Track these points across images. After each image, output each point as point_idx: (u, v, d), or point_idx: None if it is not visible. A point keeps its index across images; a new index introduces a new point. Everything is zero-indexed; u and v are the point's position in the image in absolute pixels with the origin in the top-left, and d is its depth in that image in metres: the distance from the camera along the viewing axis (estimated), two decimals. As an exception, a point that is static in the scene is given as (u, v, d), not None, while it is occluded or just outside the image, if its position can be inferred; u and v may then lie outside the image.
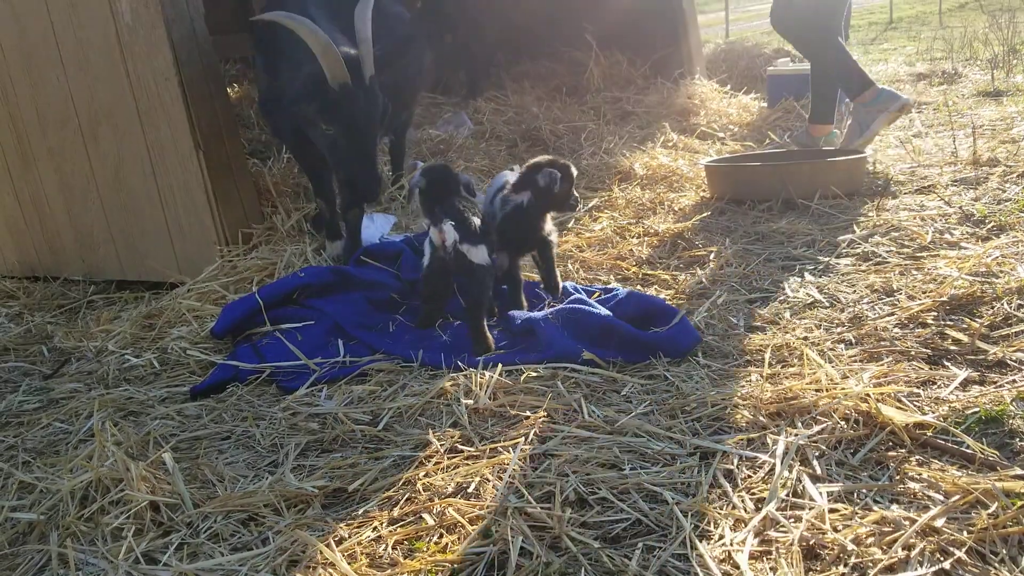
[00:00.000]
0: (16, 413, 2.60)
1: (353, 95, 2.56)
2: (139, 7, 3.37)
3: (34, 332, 3.40)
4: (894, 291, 2.57)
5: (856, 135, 4.46)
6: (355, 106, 2.58)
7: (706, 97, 6.20)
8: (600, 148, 4.99)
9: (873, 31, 14.88)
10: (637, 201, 3.99)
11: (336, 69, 2.51)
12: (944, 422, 1.77)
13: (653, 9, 6.70)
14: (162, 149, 3.54)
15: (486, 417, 2.09)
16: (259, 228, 3.62)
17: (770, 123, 5.63)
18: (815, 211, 3.55)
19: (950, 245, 2.91)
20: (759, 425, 1.89)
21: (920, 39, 11.62)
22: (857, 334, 2.31)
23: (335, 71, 2.51)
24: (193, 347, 2.85)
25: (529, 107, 5.93)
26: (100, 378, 2.77)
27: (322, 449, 2.07)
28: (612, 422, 1.97)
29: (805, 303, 2.61)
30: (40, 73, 3.88)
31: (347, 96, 2.54)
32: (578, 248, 3.42)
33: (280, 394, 2.42)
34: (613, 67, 6.84)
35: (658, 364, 2.28)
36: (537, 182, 2.69)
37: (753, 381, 2.11)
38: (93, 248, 4.04)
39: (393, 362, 2.50)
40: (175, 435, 2.23)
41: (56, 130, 3.93)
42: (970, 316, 2.30)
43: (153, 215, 3.70)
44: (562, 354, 2.31)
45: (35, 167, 4.13)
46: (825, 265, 2.92)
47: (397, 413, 2.16)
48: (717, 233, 3.45)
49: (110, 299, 3.77)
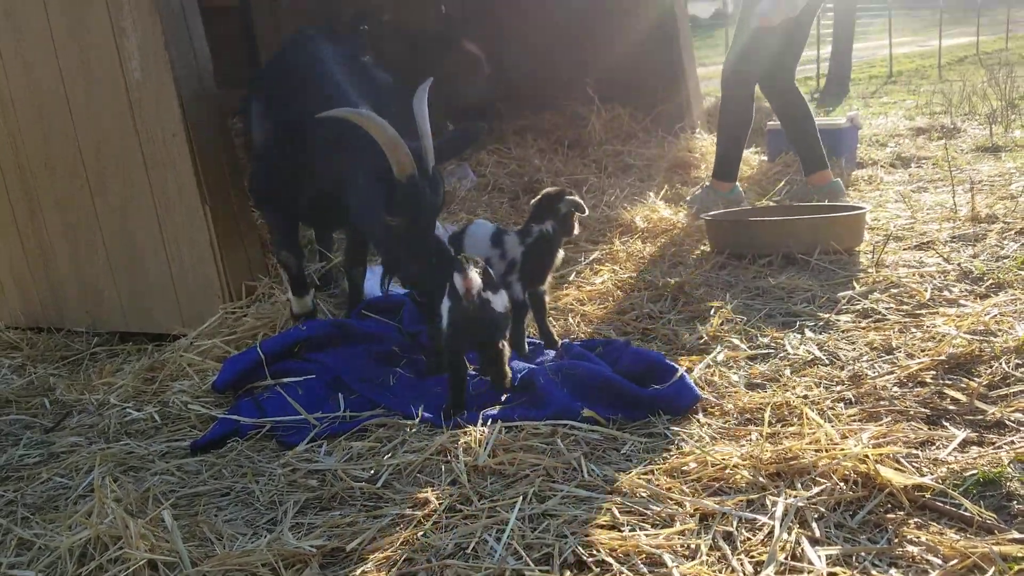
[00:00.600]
0: (16, 467, 2.60)
1: (419, 187, 2.56)
2: (149, 64, 3.44)
3: (36, 384, 3.41)
4: (893, 349, 2.58)
5: (696, 204, 4.80)
6: (421, 198, 2.58)
7: (706, 150, 6.26)
8: (601, 201, 5.04)
9: (873, 84, 15.07)
10: (638, 254, 4.02)
11: (404, 162, 2.51)
12: (942, 484, 1.77)
13: (653, 63, 6.80)
14: (168, 202, 3.58)
15: (485, 475, 2.09)
16: (263, 280, 3.65)
17: (770, 177, 5.68)
18: (815, 266, 3.57)
19: (949, 303, 2.93)
20: (759, 486, 1.89)
21: (920, 93, 11.77)
22: (857, 393, 2.31)
23: (404, 164, 2.51)
24: (194, 401, 2.86)
25: (531, 159, 6.00)
26: (101, 432, 2.78)
27: (321, 507, 2.07)
28: (611, 481, 1.97)
29: (805, 360, 2.62)
30: (50, 125, 3.95)
31: (414, 188, 2.55)
32: (579, 302, 3.44)
33: (280, 449, 2.42)
34: (614, 120, 6.92)
35: (658, 422, 2.29)
36: (559, 210, 2.87)
37: (753, 440, 2.12)
38: (97, 299, 4.06)
39: (393, 417, 2.50)
40: (175, 491, 2.23)
41: (64, 181, 3.98)
42: (968, 375, 2.31)
43: (158, 267, 3.73)
44: (561, 411, 2.31)
45: (42, 217, 4.18)
46: (825, 322, 2.93)
47: (396, 470, 2.16)
48: (718, 288, 3.47)
49: (113, 351, 3.79)
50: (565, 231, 2.93)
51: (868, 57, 20.38)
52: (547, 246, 2.90)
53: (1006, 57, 17.78)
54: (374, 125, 2.49)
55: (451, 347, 2.51)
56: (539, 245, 2.88)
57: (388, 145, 2.49)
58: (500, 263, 2.86)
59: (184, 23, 3.42)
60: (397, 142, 2.50)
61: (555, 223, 2.89)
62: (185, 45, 3.41)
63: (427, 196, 2.57)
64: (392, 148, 2.49)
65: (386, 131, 2.49)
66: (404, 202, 2.54)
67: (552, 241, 2.90)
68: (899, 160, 6.20)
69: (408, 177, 2.52)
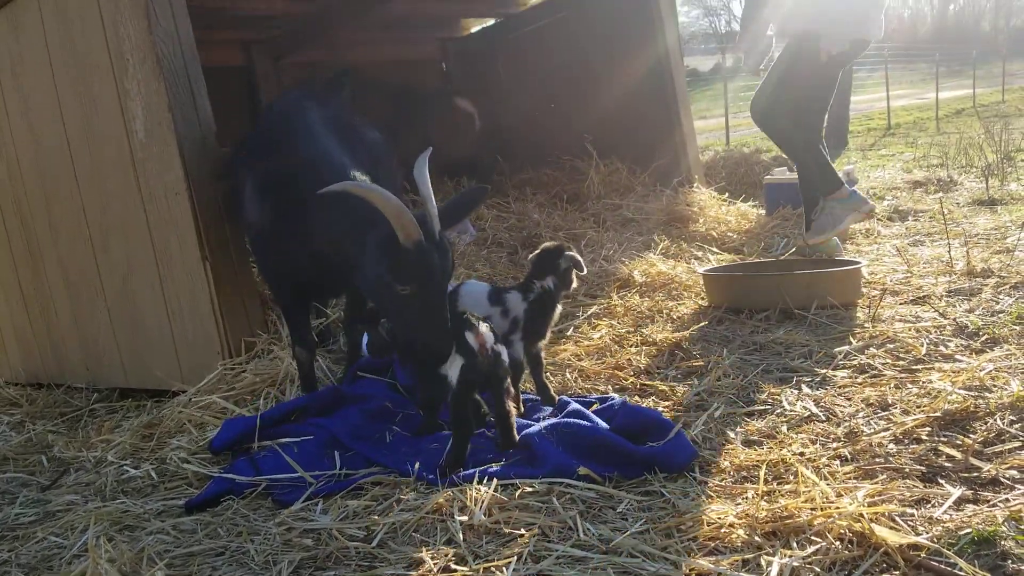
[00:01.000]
0: (12, 526, 2.59)
1: (427, 253, 2.56)
2: (152, 125, 3.50)
3: (35, 441, 3.42)
4: (889, 405, 2.58)
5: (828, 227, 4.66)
6: (430, 264, 2.57)
7: (705, 204, 6.32)
8: (600, 255, 5.07)
9: (872, 137, 15.25)
10: (636, 309, 4.04)
11: (410, 229, 2.51)
12: (937, 543, 1.77)
13: (650, 118, 6.90)
14: (170, 260, 3.62)
15: (481, 534, 2.08)
16: (263, 336, 3.67)
17: (768, 231, 5.72)
18: (812, 321, 3.59)
19: (944, 358, 2.94)
20: (754, 545, 1.88)
21: (917, 145, 11.89)
22: (853, 450, 2.31)
23: (409, 231, 2.51)
24: (192, 458, 2.86)
25: (530, 214, 6.06)
26: (98, 490, 2.78)
27: (316, 566, 2.06)
28: (607, 541, 1.96)
29: (802, 417, 2.62)
30: (54, 186, 4.01)
31: (421, 255, 2.55)
32: (576, 357, 3.45)
33: (275, 508, 2.42)
34: (612, 174, 7.00)
35: (654, 480, 2.28)
36: (559, 266, 2.90)
37: (749, 498, 2.11)
38: (98, 356, 4.09)
39: (389, 475, 2.50)
40: (169, 551, 2.22)
41: (67, 241, 4.03)
42: (964, 432, 2.31)
43: (159, 324, 3.76)
44: (557, 470, 2.31)
45: (44, 275, 4.22)
46: (822, 377, 2.94)
47: (392, 529, 2.15)
48: (715, 343, 3.49)
49: (112, 407, 3.80)
50: (564, 286, 2.95)
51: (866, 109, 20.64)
52: (549, 302, 2.92)
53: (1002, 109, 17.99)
54: (377, 196, 2.49)
55: (458, 404, 2.51)
56: (541, 301, 2.90)
57: (392, 214, 2.49)
58: (503, 321, 2.86)
59: (188, 84, 3.49)
60: (401, 210, 2.50)
61: (555, 279, 2.91)
62: (188, 105, 3.48)
63: (436, 261, 2.57)
64: (396, 216, 2.49)
65: (389, 201, 2.48)
66: (413, 269, 2.53)
67: (553, 297, 2.93)
68: (896, 213, 6.25)
69: (415, 244, 2.51)
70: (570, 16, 7.41)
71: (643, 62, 6.87)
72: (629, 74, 7.03)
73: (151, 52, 3.40)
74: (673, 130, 6.77)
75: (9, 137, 4.28)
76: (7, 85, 4.21)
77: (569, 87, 7.51)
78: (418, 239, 2.52)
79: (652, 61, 6.77)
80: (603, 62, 7.21)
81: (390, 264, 2.53)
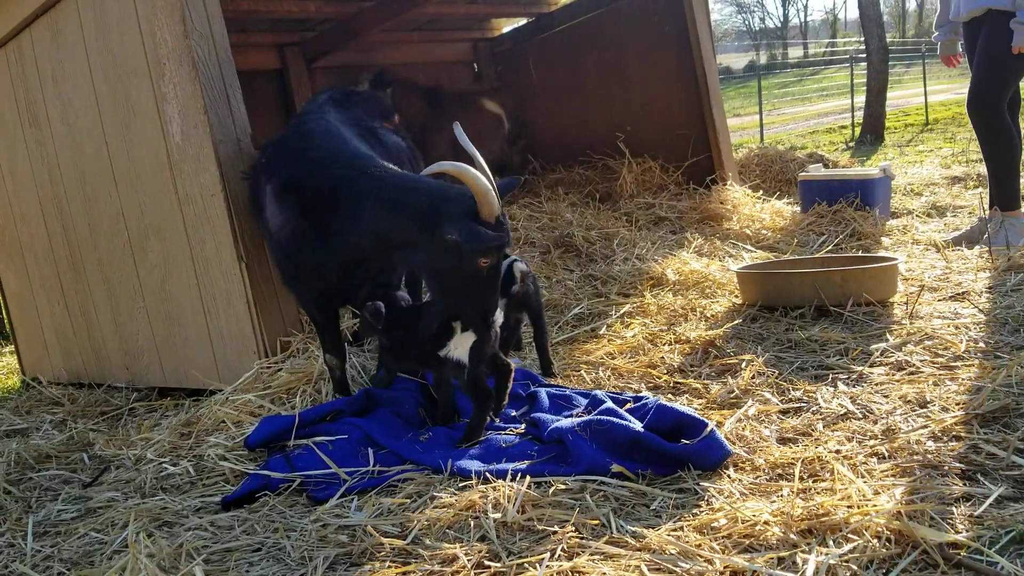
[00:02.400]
0: (54, 522, 2.64)
1: (505, 227, 2.75)
2: (189, 128, 3.55)
3: (76, 439, 3.48)
4: (927, 402, 2.55)
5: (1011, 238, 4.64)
6: (507, 237, 2.76)
7: (739, 202, 6.27)
8: (632, 254, 5.06)
9: (909, 133, 15.03)
10: (669, 307, 4.02)
11: (494, 206, 2.69)
12: (978, 542, 1.74)
13: (683, 116, 6.87)
14: (207, 261, 3.67)
15: (514, 531, 2.08)
16: (298, 336, 3.70)
17: (803, 228, 5.66)
18: (848, 318, 3.55)
19: (984, 354, 2.89)
20: (789, 543, 1.87)
21: (956, 141, 11.70)
22: (890, 447, 2.28)
23: (493, 207, 2.69)
24: (229, 455, 2.90)
25: (563, 213, 6.05)
26: (137, 487, 2.82)
27: (351, 563, 2.07)
28: (640, 538, 1.95)
29: (838, 414, 2.59)
30: (93, 189, 4.08)
31: (501, 228, 2.72)
32: (609, 355, 3.45)
33: (311, 505, 2.44)
34: (645, 173, 6.97)
35: (688, 477, 2.27)
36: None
37: (784, 496, 2.09)
38: (137, 356, 4.15)
39: (423, 472, 2.52)
40: (207, 547, 2.25)
41: (106, 242, 4.10)
42: (1005, 429, 2.27)
43: (196, 324, 3.81)
44: (591, 469, 2.31)
45: (85, 278, 4.30)
46: (858, 375, 2.90)
47: (425, 526, 2.16)
48: (749, 340, 3.46)
49: (151, 406, 3.86)
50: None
51: (903, 105, 20.35)
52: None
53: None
54: (468, 174, 2.63)
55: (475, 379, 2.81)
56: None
57: (481, 191, 2.66)
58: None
59: (223, 86, 3.53)
60: (489, 188, 2.68)
61: None
62: (223, 108, 3.52)
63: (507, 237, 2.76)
64: (484, 193, 2.66)
65: (479, 179, 2.64)
66: (494, 243, 2.69)
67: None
68: (934, 209, 6.17)
69: (496, 219, 2.70)
70: (601, 15, 7.39)
71: (675, 60, 6.84)
72: (661, 72, 7.01)
73: (187, 56, 3.45)
74: (706, 128, 6.73)
75: (51, 142, 4.37)
76: (49, 92, 4.29)
77: (601, 86, 7.49)
78: (499, 215, 2.71)
79: (684, 59, 6.73)
80: (635, 60, 7.19)
81: (478, 238, 2.64)
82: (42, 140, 4.43)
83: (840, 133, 17.01)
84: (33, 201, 4.65)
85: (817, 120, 20.91)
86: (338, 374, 3.28)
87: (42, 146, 4.44)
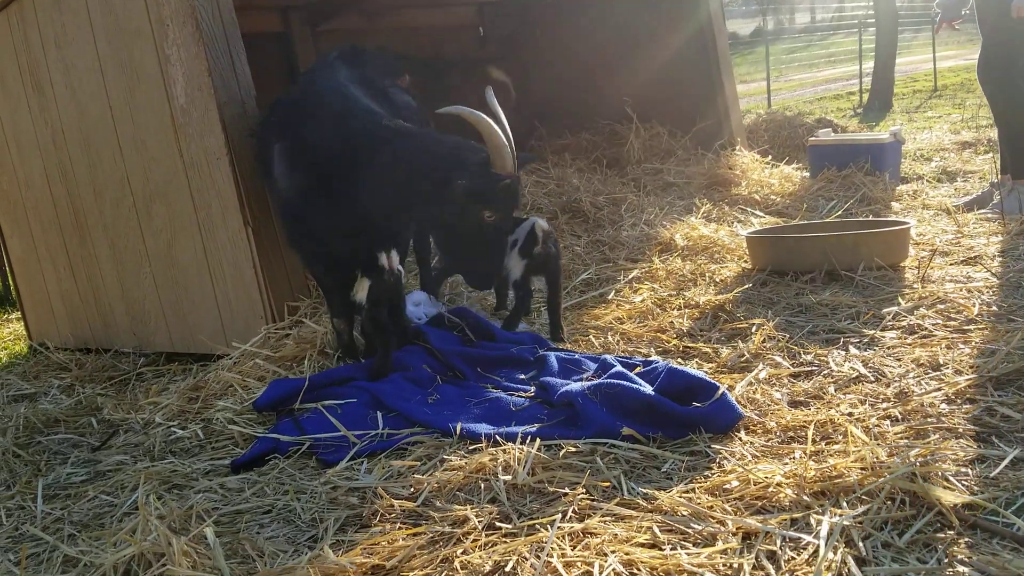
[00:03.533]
0: (64, 485, 2.65)
1: (518, 183, 2.74)
2: (193, 90, 3.51)
3: (84, 404, 3.48)
4: (941, 365, 2.53)
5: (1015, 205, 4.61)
6: (519, 193, 2.79)
7: (747, 167, 6.22)
8: (640, 219, 5.02)
9: (918, 99, 14.89)
10: (678, 272, 4.00)
11: (508, 161, 2.66)
12: (994, 503, 1.72)
13: (691, 81, 6.79)
14: (213, 226, 3.65)
15: (524, 493, 2.08)
16: (305, 301, 3.68)
17: (812, 193, 5.61)
18: (859, 282, 3.52)
19: (997, 317, 2.87)
20: (802, 504, 1.86)
21: (965, 107, 11.58)
22: (903, 410, 2.27)
23: (507, 162, 2.66)
24: (237, 418, 2.90)
25: (570, 179, 5.99)
26: (146, 450, 2.82)
27: (361, 524, 2.07)
28: (652, 499, 1.94)
29: (850, 377, 2.57)
30: (98, 153, 4.05)
31: (514, 183, 2.71)
32: (618, 320, 3.43)
33: (321, 467, 2.44)
34: (653, 139, 6.91)
35: (699, 440, 2.26)
36: None
37: (796, 458, 2.08)
38: (144, 321, 4.14)
39: (432, 436, 2.51)
40: (217, 509, 2.25)
41: (112, 208, 4.08)
42: (1020, 392, 2.25)
43: (203, 289, 3.80)
44: (601, 432, 2.30)
45: (91, 243, 4.28)
46: (870, 338, 2.88)
47: (436, 488, 2.16)
48: (759, 305, 3.43)
49: (159, 371, 3.85)
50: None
51: (912, 71, 20.15)
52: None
53: (1054, 69, 17.34)
54: (486, 124, 2.62)
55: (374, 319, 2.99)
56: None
57: (497, 144, 2.64)
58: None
59: (227, 49, 3.49)
60: (504, 141, 2.65)
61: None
62: (228, 70, 3.47)
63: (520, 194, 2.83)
64: (499, 147, 2.64)
65: (495, 130, 2.62)
66: (505, 196, 2.68)
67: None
68: (944, 174, 6.11)
69: (509, 174, 2.67)
70: (609, -23, 7.29)
71: (684, 25, 6.75)
72: (670, 37, 6.91)
73: (191, 16, 3.40)
74: (715, 93, 6.65)
75: (54, 106, 4.32)
76: (52, 56, 4.25)
77: (609, 51, 7.40)
78: (512, 170, 2.68)
79: (693, 24, 6.64)
80: (643, 25, 7.09)
81: (488, 189, 2.59)
82: (45, 105, 4.39)
83: (848, 99, 16.86)
84: (37, 166, 4.62)
85: (825, 86, 20.72)
86: (345, 338, 3.26)
87: (45, 111, 4.40)
